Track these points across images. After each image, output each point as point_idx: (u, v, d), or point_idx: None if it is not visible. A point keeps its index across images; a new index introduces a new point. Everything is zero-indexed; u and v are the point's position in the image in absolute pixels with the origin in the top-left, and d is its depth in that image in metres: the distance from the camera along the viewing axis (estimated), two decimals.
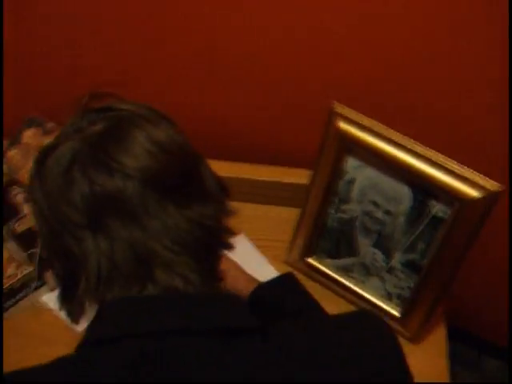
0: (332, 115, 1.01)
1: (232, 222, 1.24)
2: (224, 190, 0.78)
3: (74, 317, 0.70)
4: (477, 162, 0.92)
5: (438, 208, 0.96)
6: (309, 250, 1.14)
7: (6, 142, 1.21)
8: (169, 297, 0.66)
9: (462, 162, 0.91)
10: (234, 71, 1.19)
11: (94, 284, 0.65)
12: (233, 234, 0.78)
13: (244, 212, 1.25)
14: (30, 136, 1.20)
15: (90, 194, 0.64)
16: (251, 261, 1.17)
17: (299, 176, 1.18)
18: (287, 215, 1.20)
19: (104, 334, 0.64)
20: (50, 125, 1.21)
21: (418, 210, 0.98)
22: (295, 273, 1.13)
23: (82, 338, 0.65)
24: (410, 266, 1.03)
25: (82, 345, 0.64)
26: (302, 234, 1.13)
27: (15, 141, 1.19)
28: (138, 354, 0.62)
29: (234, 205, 1.24)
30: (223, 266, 1.06)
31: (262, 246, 1.20)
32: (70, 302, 0.70)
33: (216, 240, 0.73)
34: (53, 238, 0.68)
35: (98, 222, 0.64)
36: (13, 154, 1.18)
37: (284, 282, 1.07)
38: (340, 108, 1.00)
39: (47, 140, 1.23)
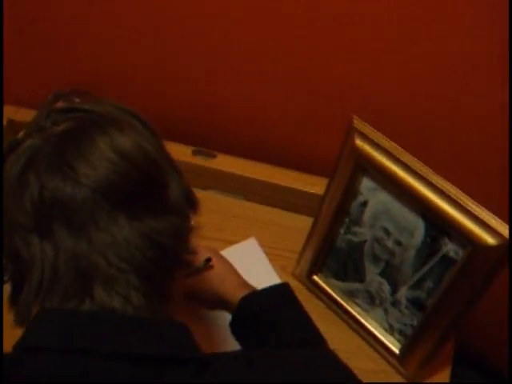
0: (350, 131, 0.93)
1: (245, 224, 1.20)
2: (192, 204, 0.73)
3: (19, 319, 0.67)
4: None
5: (450, 247, 0.87)
6: (315, 267, 1.07)
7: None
8: (100, 316, 0.62)
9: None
10: (263, 71, 1.12)
11: (35, 290, 0.62)
12: (193, 252, 0.73)
13: (259, 215, 1.22)
14: None
15: (39, 199, 0.61)
16: (256, 267, 1.12)
17: (320, 186, 1.09)
18: (304, 225, 1.10)
19: (28, 342, 0.62)
20: (77, 100, 1.18)
21: (429, 245, 0.89)
22: (300, 286, 1.09)
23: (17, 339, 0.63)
24: (415, 303, 0.95)
25: (14, 347, 0.62)
26: (311, 249, 1.06)
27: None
28: (54, 369, 0.59)
29: (251, 206, 1.22)
30: (215, 263, 1.04)
31: (272, 254, 1.14)
32: (17, 304, 0.67)
33: (170, 258, 0.67)
34: (6, 238, 0.66)
35: (46, 227, 0.61)
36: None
37: (276, 293, 1.02)
38: (359, 124, 0.91)
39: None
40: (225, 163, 1.19)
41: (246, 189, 1.20)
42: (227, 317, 1.01)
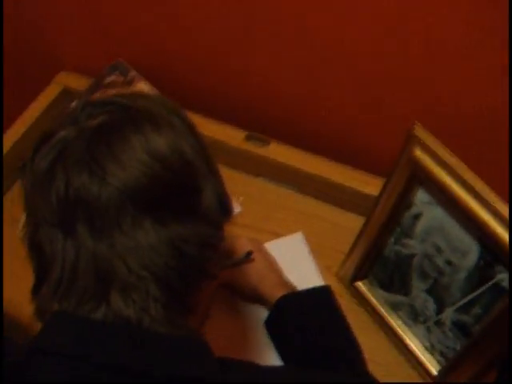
0: (410, 139, 0.86)
1: (294, 217, 1.16)
2: (226, 213, 0.69)
3: (38, 313, 0.66)
4: None
5: (503, 277, 0.80)
6: (361, 273, 1.01)
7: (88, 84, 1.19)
8: (114, 328, 0.60)
9: None
10: (326, 61, 1.06)
11: (54, 287, 0.61)
12: (222, 265, 0.69)
13: (310, 209, 1.17)
14: (111, 81, 1.16)
15: (64, 195, 0.58)
16: (300, 263, 1.08)
17: (376, 186, 1.01)
18: (356, 225, 1.03)
19: (42, 345, 0.60)
20: (132, 73, 1.16)
21: (482, 270, 0.82)
22: (343, 289, 1.04)
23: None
24: (460, 327, 0.88)
25: (28, 345, 0.61)
26: (358, 253, 1.00)
27: (96, 86, 1.16)
28: (64, 377, 0.58)
29: (302, 199, 1.17)
30: (256, 258, 1.00)
31: (317, 252, 1.09)
32: (37, 297, 0.66)
33: (195, 269, 0.63)
34: (31, 228, 0.64)
35: (69, 225, 0.58)
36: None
37: (315, 296, 0.98)
38: (421, 132, 0.84)
39: (126, 90, 1.19)
40: (278, 152, 1.15)
41: (299, 181, 1.14)
42: (265, 313, 0.98)
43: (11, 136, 1.19)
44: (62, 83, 1.24)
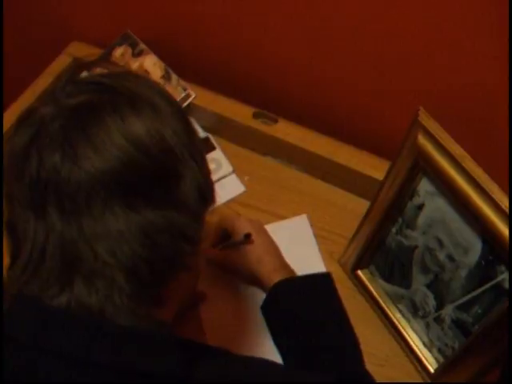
0: (414, 124, 0.80)
1: (300, 199, 1.11)
2: (205, 202, 0.65)
3: (6, 290, 0.63)
4: None
5: (505, 277, 0.74)
6: (362, 261, 0.96)
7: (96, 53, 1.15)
8: (73, 318, 0.57)
9: None
10: (337, 40, 1.00)
11: (22, 268, 0.59)
12: (195, 255, 0.65)
13: (317, 191, 1.11)
14: (119, 54, 1.12)
15: (36, 176, 0.56)
16: (302, 247, 1.03)
17: (383, 171, 0.92)
18: (363, 209, 0.96)
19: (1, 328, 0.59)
20: (141, 46, 1.12)
21: (483, 269, 0.77)
22: (345, 277, 0.99)
23: None
24: (459, 325, 0.83)
25: None
26: (360, 241, 0.95)
27: (104, 57, 1.12)
28: (18, 364, 0.57)
29: (309, 180, 1.11)
30: (255, 240, 0.96)
31: (321, 236, 1.04)
32: (9, 275, 0.63)
33: (166, 260, 0.60)
34: (8, 208, 0.61)
35: (41, 207, 0.56)
36: (98, 71, 1.12)
37: (314, 283, 0.93)
38: (425, 118, 0.78)
39: (134, 63, 1.15)
40: (286, 131, 1.09)
41: (307, 162, 1.09)
42: (263, 296, 0.95)
43: (21, 106, 1.17)
44: (72, 54, 1.21)
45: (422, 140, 0.79)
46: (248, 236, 0.94)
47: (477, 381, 0.82)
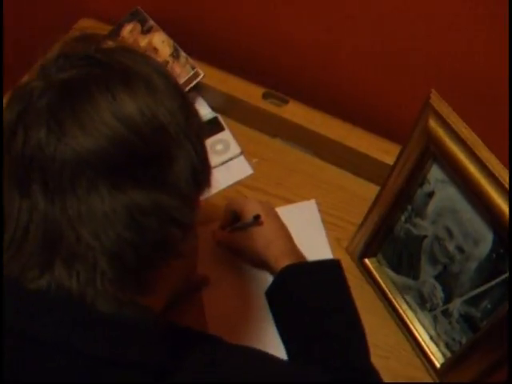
0: (425, 107, 0.75)
1: (308, 183, 1.06)
2: (200, 186, 0.61)
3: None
4: None
5: None
6: (370, 249, 0.92)
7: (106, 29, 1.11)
8: (52, 302, 0.55)
9: None
10: (351, 19, 0.94)
11: (6, 246, 0.56)
12: (189, 241, 0.62)
13: (326, 176, 1.07)
14: (128, 31, 1.09)
15: (21, 153, 0.53)
16: (309, 233, 0.99)
17: (394, 156, 0.87)
18: (373, 195, 0.92)
19: None
20: (150, 23, 1.08)
21: (493, 262, 0.72)
22: (352, 265, 0.95)
23: None
24: (467, 320, 0.78)
25: None
26: (368, 228, 0.91)
27: (113, 33, 1.09)
28: None
29: (319, 164, 1.07)
30: (264, 222, 0.91)
31: (329, 222, 1.00)
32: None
33: (153, 245, 0.57)
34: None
35: (25, 185, 0.54)
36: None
37: (322, 270, 0.89)
38: (437, 102, 0.73)
39: (143, 40, 1.12)
40: (296, 113, 1.05)
41: (317, 145, 1.04)
42: (269, 281, 0.91)
43: None
44: (81, 30, 1.17)
45: (433, 124, 0.74)
46: (257, 217, 0.90)
47: (484, 378, 0.78)
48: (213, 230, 0.97)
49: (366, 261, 0.93)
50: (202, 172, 0.61)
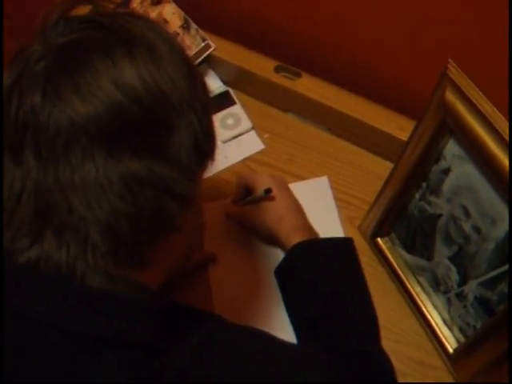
0: (443, 79, 0.69)
1: (321, 160, 1.01)
2: (203, 158, 0.57)
3: None
4: None
5: None
6: (382, 228, 0.87)
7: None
8: (39, 276, 0.52)
9: None
10: None
11: None
12: (190, 215, 0.58)
13: (340, 152, 1.01)
14: (138, 2, 1.04)
15: (14, 118, 0.50)
16: (321, 212, 0.94)
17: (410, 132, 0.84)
18: (388, 173, 0.86)
19: None
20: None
21: None
22: (364, 244, 0.90)
23: None
24: (483, 304, 0.73)
25: None
26: (381, 206, 0.86)
27: (123, 4, 1.04)
28: None
29: (333, 140, 1.02)
30: (276, 196, 0.87)
31: (342, 200, 0.95)
32: None
33: (149, 218, 0.53)
34: None
35: (19, 152, 0.51)
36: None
37: (335, 248, 0.85)
38: (455, 73, 0.68)
39: (153, 11, 1.07)
40: (310, 87, 0.99)
41: (331, 120, 0.99)
42: (278, 259, 0.87)
43: None
44: (92, 1, 1.13)
45: (451, 96, 0.68)
46: (268, 191, 0.86)
47: (499, 366, 0.73)
48: (224, 205, 0.93)
49: (379, 240, 0.88)
50: (205, 144, 0.57)
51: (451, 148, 0.72)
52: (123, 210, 0.51)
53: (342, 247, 0.86)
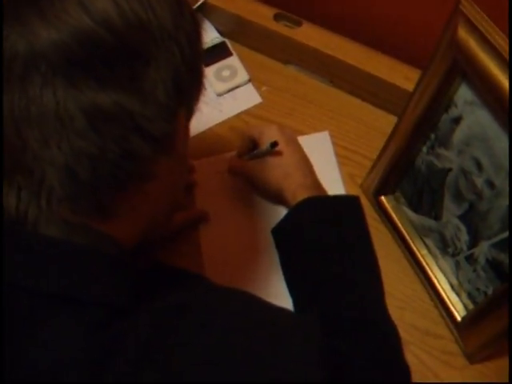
0: (454, 15, 0.60)
1: (322, 114, 0.92)
2: (183, 97, 0.49)
3: None
4: None
5: None
6: (387, 185, 0.78)
7: None
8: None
9: None
10: None
11: None
12: (169, 162, 0.50)
13: (342, 106, 0.91)
14: None
15: None
16: (321, 168, 0.84)
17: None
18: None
19: None
20: None
21: None
22: (367, 204, 0.82)
23: None
24: (495, 267, 0.65)
25: None
26: (385, 161, 0.77)
27: None
28: None
29: (335, 93, 0.93)
30: (283, 151, 0.78)
31: (344, 156, 0.86)
32: None
33: (116, 159, 0.45)
34: None
35: None
36: None
37: (342, 206, 0.76)
38: (469, 7, 0.58)
39: None
40: (311, 36, 0.90)
41: (332, 72, 0.90)
42: (280, 216, 0.78)
43: None
44: None
45: (463, 34, 0.59)
46: (274, 144, 0.77)
47: (505, 337, 0.65)
48: (220, 160, 0.85)
49: (383, 198, 0.79)
50: (187, 81, 0.49)
51: (463, 93, 0.63)
52: (85, 150, 0.44)
53: (348, 205, 0.78)
